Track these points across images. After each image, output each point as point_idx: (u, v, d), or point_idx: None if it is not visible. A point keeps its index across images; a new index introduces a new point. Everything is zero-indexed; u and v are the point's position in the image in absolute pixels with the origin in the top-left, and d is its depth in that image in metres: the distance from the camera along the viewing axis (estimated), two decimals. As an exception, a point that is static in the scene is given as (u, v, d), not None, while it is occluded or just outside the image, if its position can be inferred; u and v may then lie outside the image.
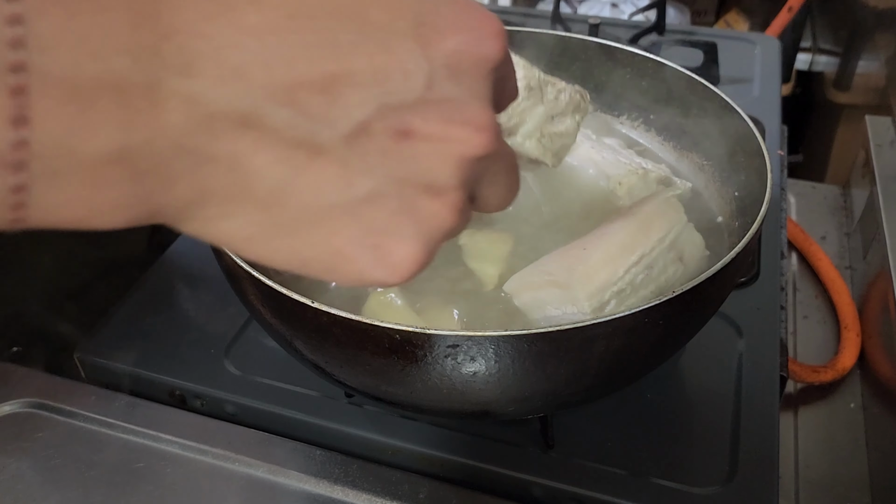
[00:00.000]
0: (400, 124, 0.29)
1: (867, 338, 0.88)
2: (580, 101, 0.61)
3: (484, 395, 0.51)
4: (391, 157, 0.29)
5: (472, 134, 0.30)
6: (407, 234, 0.30)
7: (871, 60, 1.28)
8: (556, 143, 0.61)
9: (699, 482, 0.61)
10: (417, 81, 0.29)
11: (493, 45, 0.31)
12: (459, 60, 0.30)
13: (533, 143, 0.60)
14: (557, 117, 0.60)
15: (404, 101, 0.28)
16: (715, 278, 0.51)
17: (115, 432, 0.64)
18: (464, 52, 0.30)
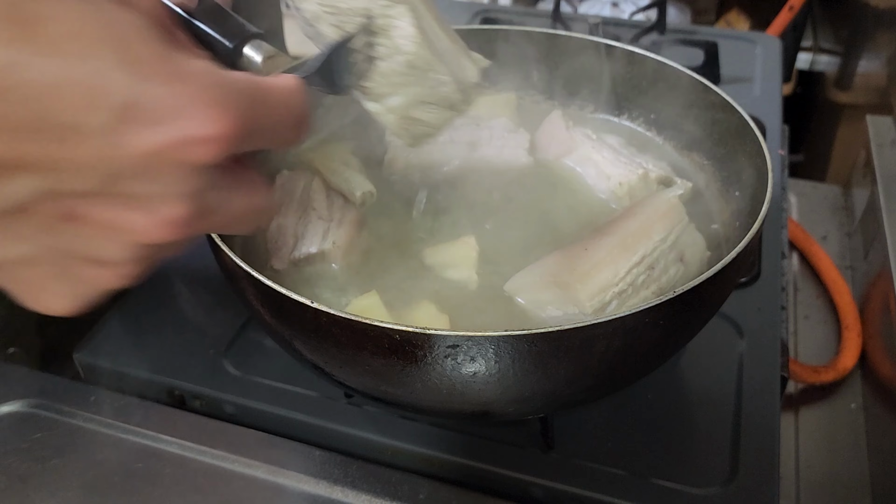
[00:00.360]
0: (66, 209, 0.30)
1: (868, 338, 0.87)
2: (459, 101, 0.61)
3: (484, 395, 0.51)
4: (52, 232, 0.31)
5: (150, 227, 0.31)
6: (59, 292, 0.34)
7: (872, 60, 1.28)
8: (418, 128, 0.62)
9: (699, 483, 0.60)
10: (93, 176, 0.29)
11: (203, 151, 0.31)
12: (153, 162, 0.30)
13: (393, 118, 0.61)
14: (428, 105, 0.61)
15: (75, 191, 0.30)
16: (715, 278, 0.51)
17: (115, 432, 0.64)
18: (162, 154, 0.30)
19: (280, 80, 0.37)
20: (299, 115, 0.38)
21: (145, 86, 0.29)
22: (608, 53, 0.82)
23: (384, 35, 0.59)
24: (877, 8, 1.32)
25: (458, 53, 0.65)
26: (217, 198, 0.34)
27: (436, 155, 0.78)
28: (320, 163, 0.75)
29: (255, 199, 0.37)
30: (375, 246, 0.69)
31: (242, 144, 0.33)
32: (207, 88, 0.31)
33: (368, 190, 0.72)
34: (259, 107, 0.34)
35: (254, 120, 0.33)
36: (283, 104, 0.36)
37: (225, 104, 0.31)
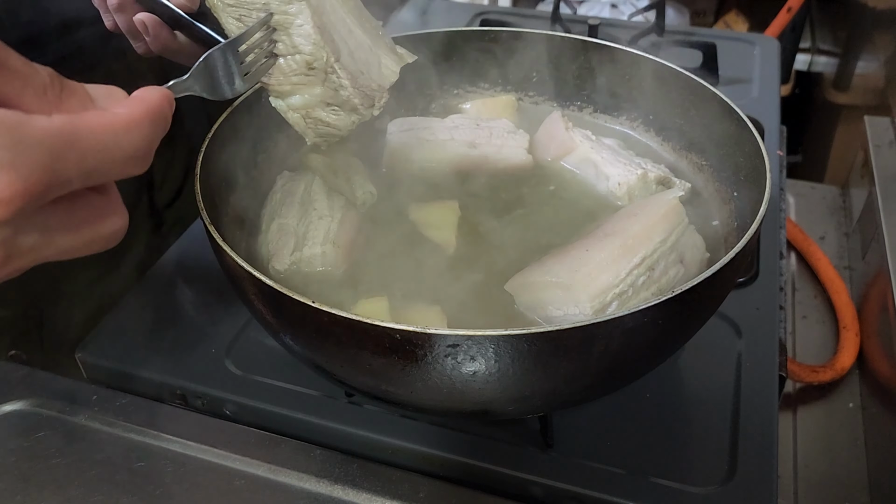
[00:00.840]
0: None
1: (866, 338, 0.88)
2: (358, 106, 0.62)
3: (484, 394, 0.51)
4: None
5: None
6: None
7: (870, 61, 1.28)
8: (321, 128, 0.63)
9: (698, 481, 0.61)
10: None
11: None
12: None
13: (297, 116, 0.61)
14: (332, 107, 0.61)
15: None
16: (714, 278, 0.51)
17: (117, 431, 0.65)
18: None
19: (117, 112, 0.36)
20: (134, 150, 0.36)
21: None
22: (607, 55, 0.83)
23: (285, 32, 0.58)
24: (875, 9, 1.32)
25: (377, 49, 0.64)
26: (33, 239, 0.34)
27: (435, 152, 0.79)
28: (321, 163, 0.75)
29: (94, 230, 0.37)
30: (376, 246, 0.70)
31: (46, 196, 0.32)
32: None
33: (369, 190, 0.73)
34: (69, 155, 0.33)
35: (60, 171, 0.32)
36: (109, 144, 0.34)
37: (15, 163, 0.31)
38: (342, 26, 0.61)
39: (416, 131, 0.80)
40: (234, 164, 0.72)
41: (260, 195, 0.75)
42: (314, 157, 0.76)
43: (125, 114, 0.36)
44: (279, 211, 0.70)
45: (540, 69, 0.87)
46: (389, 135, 0.80)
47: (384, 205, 0.74)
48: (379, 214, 0.73)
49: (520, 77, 0.88)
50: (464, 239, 0.70)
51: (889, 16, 1.23)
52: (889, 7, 1.23)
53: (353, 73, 0.60)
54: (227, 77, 0.56)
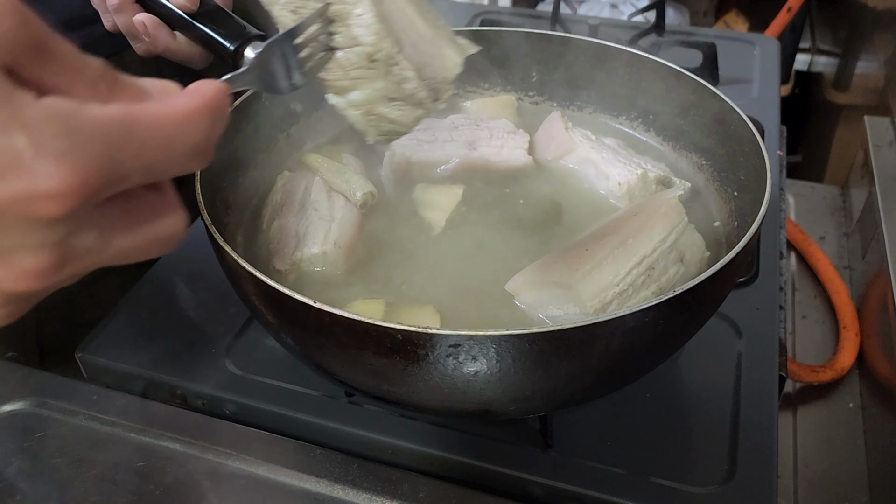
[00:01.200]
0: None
1: (866, 338, 0.88)
2: (424, 100, 0.57)
3: (485, 394, 0.51)
4: None
5: (7, 280, 0.30)
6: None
7: (870, 61, 1.28)
8: (384, 125, 0.58)
9: (698, 481, 0.61)
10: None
11: (51, 206, 0.28)
12: None
13: (357, 114, 0.57)
14: (395, 103, 0.57)
15: None
16: (714, 278, 0.51)
17: (117, 431, 0.65)
18: (4, 210, 0.28)
19: (175, 103, 0.33)
20: (194, 144, 0.33)
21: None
22: (607, 55, 0.83)
23: (342, 23, 0.54)
24: (875, 9, 1.32)
25: (439, 41, 0.60)
26: (91, 240, 0.31)
27: (435, 153, 0.79)
28: (321, 164, 0.75)
29: (153, 231, 0.34)
30: (377, 246, 0.70)
31: (105, 191, 0.30)
32: (53, 137, 0.28)
33: (369, 190, 0.73)
34: (127, 148, 0.30)
35: (119, 164, 0.30)
36: (168, 137, 0.32)
37: (73, 154, 0.28)
38: (402, 16, 0.57)
39: (417, 132, 0.80)
40: (234, 163, 0.72)
41: (260, 195, 0.75)
42: (314, 157, 0.76)
43: (184, 105, 0.33)
44: (279, 211, 0.70)
45: (540, 69, 0.87)
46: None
47: (384, 205, 0.74)
48: (379, 215, 0.73)
49: (519, 77, 0.88)
50: (464, 238, 0.70)
51: (889, 16, 1.23)
52: (889, 7, 1.23)
53: (417, 65, 0.56)
54: (285, 71, 0.53)
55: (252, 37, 0.74)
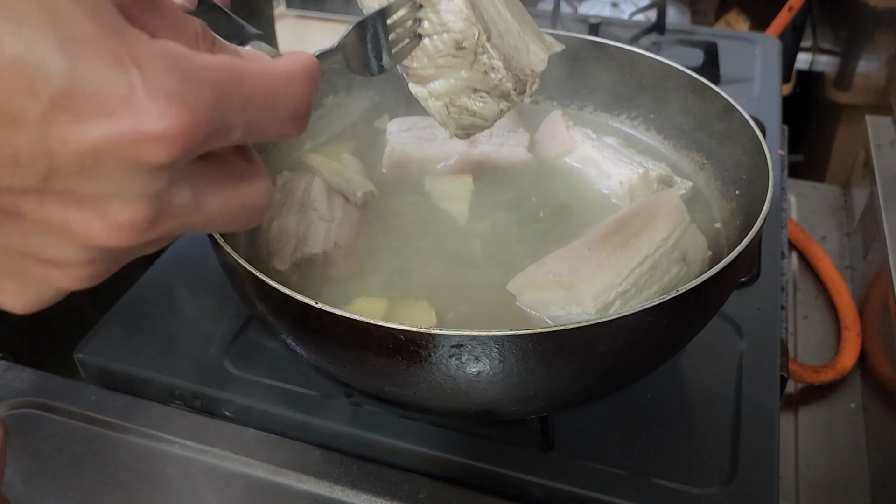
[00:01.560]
0: (7, 205, 0.27)
1: (867, 338, 0.88)
2: (510, 91, 0.55)
3: (488, 394, 0.51)
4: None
5: (102, 231, 0.27)
6: (10, 289, 0.30)
7: (872, 60, 1.28)
8: (465, 118, 0.56)
9: (699, 482, 0.60)
10: (31, 172, 0.26)
11: (156, 150, 0.26)
12: (98, 159, 0.26)
13: (438, 105, 0.55)
14: (479, 94, 0.55)
15: (14, 187, 0.26)
16: (717, 277, 0.51)
17: (115, 432, 0.64)
18: (107, 151, 0.25)
19: (276, 64, 0.32)
20: (295, 107, 0.32)
21: (89, 69, 0.24)
22: (608, 54, 0.83)
23: (431, 8, 0.52)
24: (876, 8, 1.32)
25: (525, 34, 0.58)
26: (185, 197, 0.29)
27: (435, 151, 0.78)
28: (321, 163, 0.75)
29: (242, 198, 0.32)
30: (377, 246, 0.69)
31: (209, 142, 0.28)
32: (165, 75, 0.26)
33: (369, 190, 0.72)
34: (235, 98, 0.28)
35: (225, 114, 0.28)
36: (272, 94, 0.30)
37: (185, 96, 0.26)
38: (491, 6, 0.55)
39: (416, 131, 0.80)
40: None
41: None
42: (314, 157, 0.76)
43: (286, 66, 0.32)
44: (279, 211, 0.70)
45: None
46: (389, 134, 0.80)
47: (385, 205, 0.74)
48: (379, 214, 0.73)
49: (520, 76, 0.88)
50: (465, 238, 0.70)
51: (890, 15, 1.22)
52: (890, 6, 1.23)
53: (505, 55, 0.54)
54: (376, 51, 0.50)
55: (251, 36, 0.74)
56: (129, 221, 0.28)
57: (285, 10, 1.71)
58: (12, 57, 0.24)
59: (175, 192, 0.29)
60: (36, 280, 0.30)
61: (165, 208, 0.29)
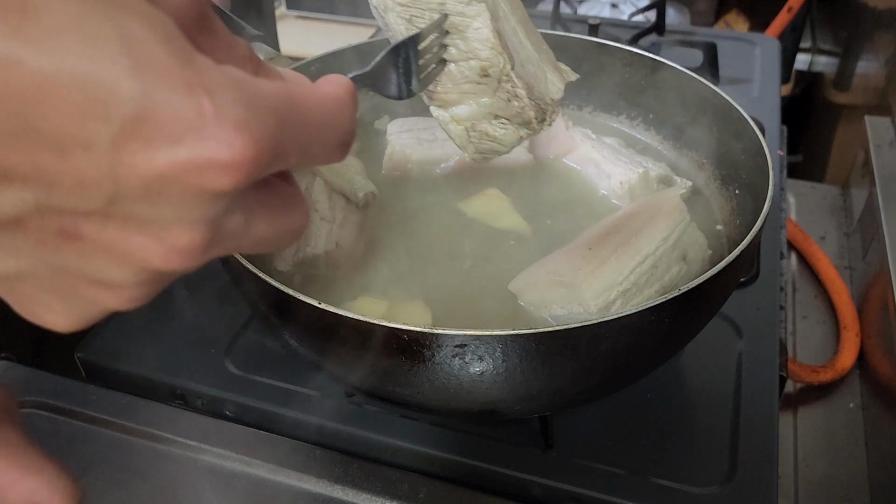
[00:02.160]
0: (66, 226, 0.27)
1: (866, 338, 0.88)
2: (532, 119, 0.56)
3: (491, 394, 0.51)
4: (50, 250, 0.28)
5: (158, 254, 0.28)
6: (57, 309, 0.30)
7: (871, 61, 1.28)
8: (485, 143, 0.57)
9: (698, 482, 0.61)
10: (95, 195, 0.26)
11: (222, 177, 0.26)
12: (164, 185, 0.26)
13: (459, 129, 0.56)
14: (500, 120, 0.56)
15: (76, 209, 0.26)
16: (719, 276, 0.51)
17: (115, 432, 0.64)
18: (175, 178, 0.25)
19: (324, 88, 0.32)
20: (343, 132, 0.32)
21: (161, 96, 0.25)
22: (607, 54, 0.83)
23: (459, 35, 0.53)
24: (875, 9, 1.32)
25: (543, 64, 0.59)
26: (237, 222, 0.30)
27: (435, 152, 0.79)
28: (321, 163, 0.75)
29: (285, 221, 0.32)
30: (378, 246, 0.69)
31: (268, 168, 0.28)
32: (234, 103, 0.26)
33: (370, 191, 0.73)
34: (293, 125, 0.29)
35: (284, 140, 0.28)
36: (324, 121, 0.31)
37: (251, 124, 0.26)
38: (514, 36, 0.56)
39: (416, 131, 0.80)
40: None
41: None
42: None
43: (334, 92, 0.32)
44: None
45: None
46: (389, 135, 0.80)
47: (385, 205, 0.74)
48: (380, 214, 0.73)
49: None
50: (467, 238, 0.70)
51: (890, 16, 1.22)
52: (890, 7, 1.23)
53: (527, 84, 0.55)
54: (406, 76, 0.51)
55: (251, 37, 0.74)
56: (187, 246, 0.28)
57: (286, 10, 1.71)
58: (86, 81, 0.24)
59: (230, 217, 0.29)
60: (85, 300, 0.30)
61: (220, 233, 0.29)
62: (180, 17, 0.27)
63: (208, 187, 0.26)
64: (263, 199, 0.31)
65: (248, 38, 0.73)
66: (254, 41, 0.73)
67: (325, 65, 0.81)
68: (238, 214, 0.29)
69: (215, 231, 0.28)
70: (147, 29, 0.25)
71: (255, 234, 0.31)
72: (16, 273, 0.28)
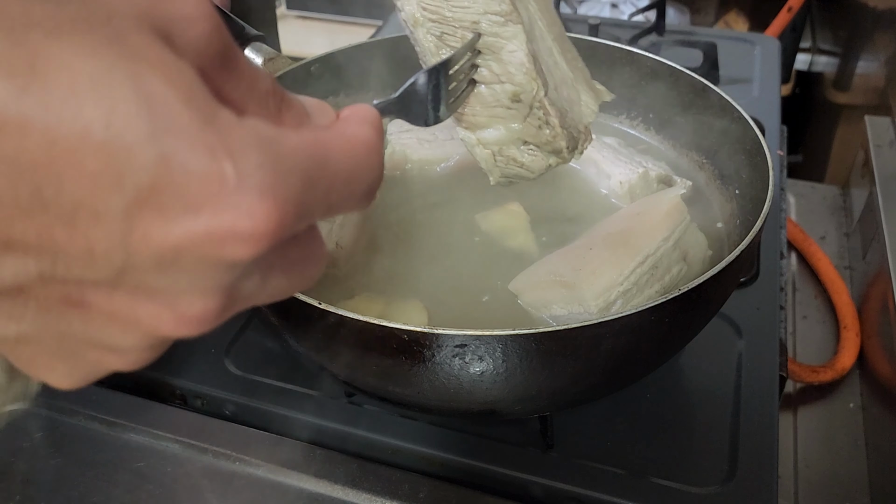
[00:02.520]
0: (72, 295, 0.25)
1: (866, 338, 0.88)
2: (563, 148, 0.53)
3: (491, 394, 0.51)
4: (54, 316, 0.26)
5: (168, 323, 0.26)
6: (59, 370, 0.29)
7: (871, 61, 1.28)
8: (511, 168, 0.55)
9: (699, 482, 0.61)
10: (104, 266, 0.24)
11: (242, 248, 0.24)
12: (180, 257, 0.24)
13: (486, 153, 0.54)
14: (529, 146, 0.54)
15: (84, 279, 0.25)
16: (719, 276, 0.51)
17: (115, 432, 0.64)
18: (190, 250, 0.24)
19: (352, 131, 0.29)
20: (372, 181, 0.30)
21: (180, 163, 0.23)
22: (607, 54, 0.83)
23: (493, 57, 0.50)
24: (875, 9, 1.32)
25: (578, 83, 0.56)
26: (254, 283, 0.28)
27: (435, 152, 0.79)
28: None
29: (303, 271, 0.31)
30: (378, 246, 0.69)
31: (292, 231, 0.26)
32: (257, 168, 0.24)
33: (370, 190, 0.72)
34: (320, 183, 0.27)
35: (310, 201, 0.26)
36: (353, 172, 0.29)
37: (276, 189, 0.24)
38: (549, 56, 0.53)
39: (416, 132, 0.80)
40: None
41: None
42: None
43: (364, 136, 0.29)
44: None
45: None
46: (389, 135, 0.80)
47: (385, 205, 0.74)
48: (380, 214, 0.73)
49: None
50: (467, 238, 0.70)
51: (890, 16, 1.22)
52: (890, 7, 1.23)
53: (560, 110, 0.52)
54: (434, 102, 0.47)
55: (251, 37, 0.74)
56: (200, 314, 0.27)
57: (286, 10, 1.71)
58: (100, 147, 0.22)
59: (246, 281, 0.27)
60: (88, 362, 0.29)
61: (235, 297, 0.27)
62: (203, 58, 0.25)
63: (227, 258, 0.25)
64: (283, 253, 0.29)
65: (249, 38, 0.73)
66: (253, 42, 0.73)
67: (326, 65, 0.81)
68: (256, 276, 0.28)
69: (231, 296, 0.27)
70: (167, 84, 0.23)
71: (271, 291, 0.29)
72: (16, 337, 0.27)
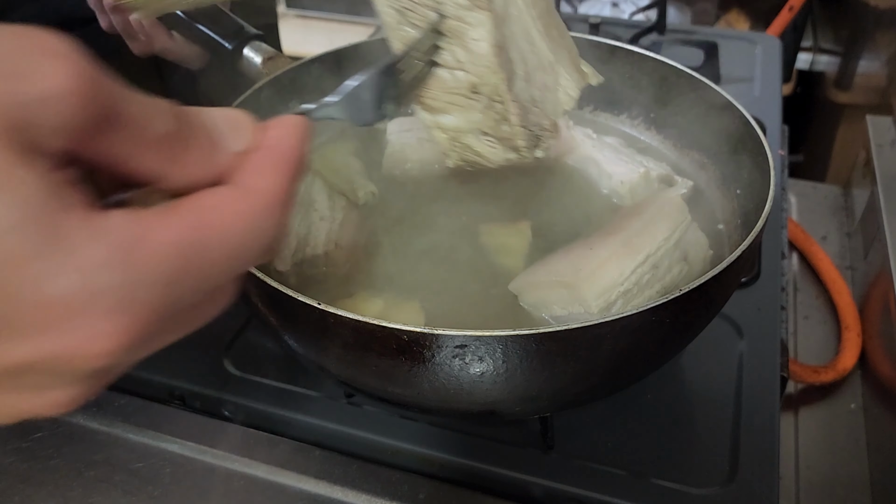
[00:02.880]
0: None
1: (868, 338, 0.87)
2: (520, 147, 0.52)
3: (491, 394, 0.51)
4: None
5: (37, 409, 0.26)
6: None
7: (872, 60, 1.28)
8: (468, 155, 0.53)
9: (699, 483, 0.60)
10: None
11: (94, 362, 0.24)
12: (30, 370, 0.24)
13: (444, 137, 0.52)
14: (488, 138, 0.52)
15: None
16: (720, 277, 0.51)
17: (115, 432, 0.64)
18: (38, 364, 0.24)
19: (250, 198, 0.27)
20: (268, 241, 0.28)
21: (15, 291, 0.22)
22: (608, 53, 0.82)
23: (457, 42, 0.48)
24: (877, 8, 1.32)
25: (560, 65, 0.54)
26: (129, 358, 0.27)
27: (435, 151, 0.78)
28: (322, 164, 0.75)
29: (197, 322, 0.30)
30: (378, 246, 0.69)
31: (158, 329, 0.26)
32: (109, 287, 0.23)
33: (370, 190, 0.72)
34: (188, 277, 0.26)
35: (178, 299, 0.26)
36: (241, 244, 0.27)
37: (131, 303, 0.24)
38: (525, 39, 0.50)
39: (416, 131, 0.79)
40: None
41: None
42: (314, 157, 0.76)
43: (269, 190, 0.28)
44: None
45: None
46: (389, 135, 0.80)
47: (385, 205, 0.73)
48: (380, 214, 0.72)
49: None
50: (467, 238, 0.70)
51: (891, 15, 1.22)
52: (891, 6, 1.23)
53: (524, 107, 0.50)
54: (377, 101, 0.45)
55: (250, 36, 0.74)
56: (68, 401, 0.27)
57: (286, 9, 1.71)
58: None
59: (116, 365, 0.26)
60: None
61: (107, 376, 0.27)
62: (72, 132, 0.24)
63: (80, 369, 0.25)
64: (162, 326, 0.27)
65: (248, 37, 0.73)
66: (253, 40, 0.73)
67: (326, 65, 0.81)
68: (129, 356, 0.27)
69: (101, 379, 0.27)
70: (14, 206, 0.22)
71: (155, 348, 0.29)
72: None
